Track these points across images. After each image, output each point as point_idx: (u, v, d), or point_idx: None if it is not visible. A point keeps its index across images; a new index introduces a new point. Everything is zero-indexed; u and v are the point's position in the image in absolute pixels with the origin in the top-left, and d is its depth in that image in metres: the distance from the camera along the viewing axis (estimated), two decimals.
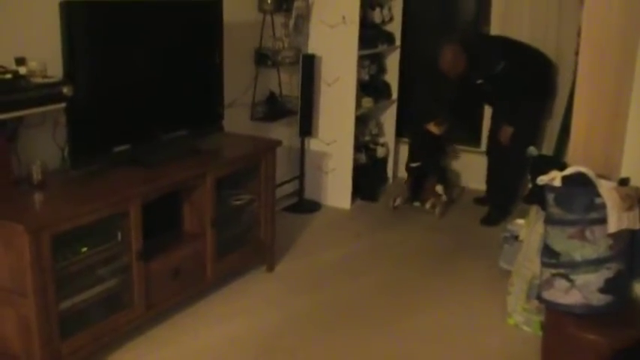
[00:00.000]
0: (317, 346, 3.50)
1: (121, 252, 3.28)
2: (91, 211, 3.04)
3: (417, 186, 5.50)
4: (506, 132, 5.05)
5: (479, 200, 5.63)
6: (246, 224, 4.21)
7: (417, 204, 5.48)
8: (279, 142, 4.26)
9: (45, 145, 3.37)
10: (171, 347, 3.45)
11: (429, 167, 5.51)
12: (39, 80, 3.04)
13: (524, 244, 3.78)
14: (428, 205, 5.40)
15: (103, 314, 3.23)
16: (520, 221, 4.14)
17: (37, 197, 3.13)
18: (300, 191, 5.49)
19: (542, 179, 3.05)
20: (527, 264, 3.62)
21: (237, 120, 4.60)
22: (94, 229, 3.13)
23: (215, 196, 3.76)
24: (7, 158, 3.09)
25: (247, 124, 4.87)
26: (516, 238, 4.07)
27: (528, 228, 3.77)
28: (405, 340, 3.58)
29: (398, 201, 5.47)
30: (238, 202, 4.10)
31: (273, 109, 5.14)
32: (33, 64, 3.08)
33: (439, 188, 5.46)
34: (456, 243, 4.85)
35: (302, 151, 5.41)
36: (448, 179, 5.75)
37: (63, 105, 3.10)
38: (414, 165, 5.52)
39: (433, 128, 5.47)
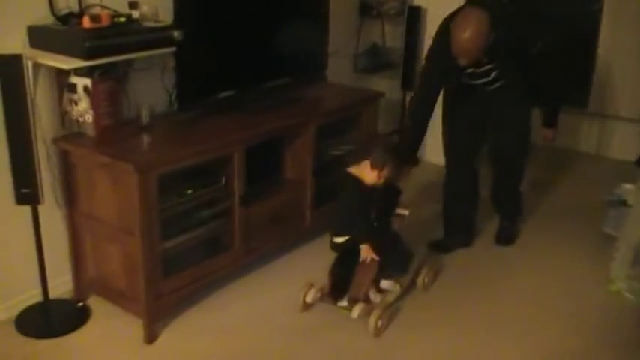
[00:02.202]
0: (409, 303, 3.49)
1: (224, 196, 3.33)
2: (196, 154, 3.10)
3: (344, 274, 3.26)
4: (550, 135, 3.86)
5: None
6: None
7: (342, 304, 3.24)
8: (382, 94, 4.22)
9: (153, 88, 3.44)
10: (266, 293, 3.51)
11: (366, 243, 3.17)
12: (150, 24, 3.09)
13: (632, 210, 3.64)
14: (356, 313, 3.13)
15: (203, 256, 3.31)
16: (628, 186, 3.99)
17: (146, 139, 3.21)
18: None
19: None
20: (636, 230, 3.49)
21: (339, 70, 4.57)
22: (199, 172, 3.19)
23: (316, 145, 3.76)
24: (119, 100, 3.18)
25: (349, 75, 4.85)
26: (623, 203, 3.93)
27: (638, 193, 3.63)
28: (502, 301, 3.53)
29: (311, 295, 3.29)
30: (338, 153, 4.10)
31: (375, 60, 5.10)
32: (145, 9, 3.13)
33: (386, 283, 3.39)
34: (554, 206, 4.72)
35: (403, 104, 5.33)
36: (404, 263, 3.44)
37: (173, 49, 3.14)
38: (338, 240, 3.26)
39: (367, 174, 3.16)
